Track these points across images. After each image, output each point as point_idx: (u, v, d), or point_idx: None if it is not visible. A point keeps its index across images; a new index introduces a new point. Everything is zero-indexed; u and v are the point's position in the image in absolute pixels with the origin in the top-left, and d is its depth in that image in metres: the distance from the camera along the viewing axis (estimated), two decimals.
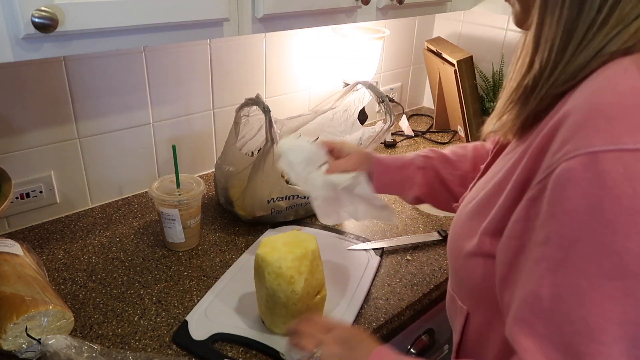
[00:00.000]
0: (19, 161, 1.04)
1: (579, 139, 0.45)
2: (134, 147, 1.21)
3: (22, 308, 0.73)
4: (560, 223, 0.46)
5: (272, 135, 1.00)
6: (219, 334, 0.82)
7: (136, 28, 0.75)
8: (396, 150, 1.60)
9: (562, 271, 0.46)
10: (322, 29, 1.48)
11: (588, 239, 0.44)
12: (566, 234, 0.45)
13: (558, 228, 0.46)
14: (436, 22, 1.87)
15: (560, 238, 0.46)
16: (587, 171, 0.43)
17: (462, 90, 1.59)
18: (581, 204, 0.44)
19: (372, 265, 1.00)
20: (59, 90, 1.05)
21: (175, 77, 1.22)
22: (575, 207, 0.44)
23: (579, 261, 0.44)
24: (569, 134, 0.46)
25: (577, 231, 0.44)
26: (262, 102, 1.01)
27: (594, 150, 0.43)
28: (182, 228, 1.00)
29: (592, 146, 0.44)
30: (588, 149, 0.44)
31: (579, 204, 0.44)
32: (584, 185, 0.44)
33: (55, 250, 1.03)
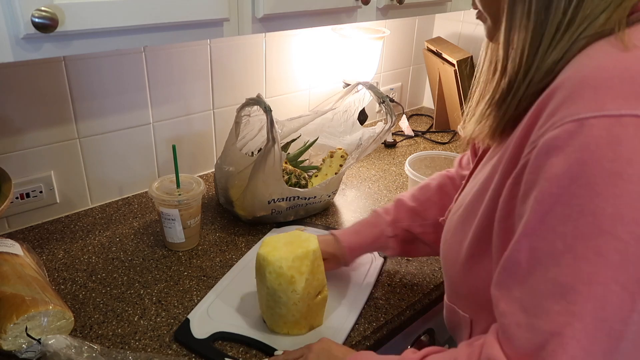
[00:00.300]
0: (19, 161, 1.04)
1: (565, 109, 0.46)
2: (134, 147, 1.21)
3: (22, 308, 0.73)
4: (540, 189, 0.47)
5: (274, 135, 1.00)
6: (219, 332, 0.82)
7: (136, 28, 0.75)
8: (396, 150, 1.60)
9: (539, 234, 0.47)
10: (322, 29, 1.48)
11: (566, 201, 0.45)
12: (545, 199, 0.46)
13: (537, 194, 0.47)
14: (436, 22, 1.87)
15: (539, 203, 0.46)
16: (572, 137, 0.44)
17: (462, 90, 1.59)
18: (563, 168, 0.45)
19: (376, 267, 1.00)
20: (59, 90, 1.05)
21: (175, 77, 1.22)
22: (556, 172, 0.45)
23: (555, 223, 0.45)
24: (555, 108, 0.47)
25: (556, 195, 0.45)
26: (263, 101, 1.01)
27: (579, 118, 0.44)
28: (182, 228, 1.00)
29: (577, 114, 0.45)
30: (574, 117, 0.45)
31: (560, 169, 0.45)
32: (568, 151, 0.44)
33: (55, 250, 1.03)
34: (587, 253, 0.43)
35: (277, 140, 1.01)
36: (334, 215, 1.20)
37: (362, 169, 1.45)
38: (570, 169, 0.44)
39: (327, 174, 1.21)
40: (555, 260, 0.45)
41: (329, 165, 1.21)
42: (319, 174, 1.22)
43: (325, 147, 1.29)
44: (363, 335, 0.85)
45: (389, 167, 1.48)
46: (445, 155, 1.35)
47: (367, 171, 1.44)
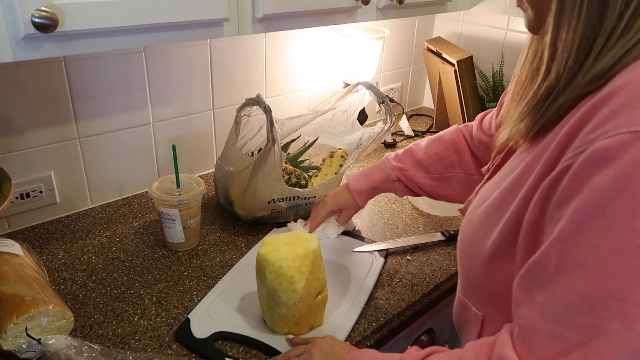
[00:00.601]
0: (19, 161, 1.04)
1: (621, 118, 0.44)
2: (134, 147, 1.21)
3: (22, 308, 0.73)
4: (582, 198, 0.45)
5: (274, 135, 1.00)
6: (220, 332, 0.82)
7: (136, 28, 0.75)
8: (396, 150, 1.59)
9: (573, 243, 0.45)
10: (322, 29, 1.48)
11: (608, 215, 0.43)
12: (585, 208, 0.44)
13: (578, 203, 0.45)
14: (436, 22, 1.87)
15: (578, 212, 0.45)
16: (625, 149, 0.42)
17: (462, 90, 1.59)
18: (610, 180, 0.43)
19: (376, 267, 1.00)
20: (59, 90, 1.05)
21: (175, 77, 1.22)
22: (602, 184, 0.43)
23: (592, 234, 0.44)
24: (609, 115, 0.45)
25: (598, 206, 0.43)
26: (263, 101, 1.01)
27: (636, 130, 0.42)
28: (182, 228, 1.00)
29: (634, 125, 0.42)
30: (630, 128, 0.42)
31: (607, 181, 0.43)
32: (619, 163, 0.42)
33: (55, 250, 1.03)
34: (621, 270, 0.42)
35: (277, 140, 1.01)
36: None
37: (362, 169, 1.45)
38: (618, 182, 0.42)
39: (327, 174, 1.21)
40: (584, 272, 0.44)
41: (329, 165, 1.21)
42: (319, 174, 1.22)
43: (325, 147, 1.29)
44: (363, 335, 0.85)
45: None
46: None
47: None
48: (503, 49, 1.69)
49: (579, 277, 0.44)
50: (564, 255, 0.46)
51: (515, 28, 1.65)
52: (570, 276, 0.45)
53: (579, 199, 0.45)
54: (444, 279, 1.00)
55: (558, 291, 0.46)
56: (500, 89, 1.64)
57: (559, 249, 0.46)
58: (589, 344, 0.43)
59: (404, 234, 1.14)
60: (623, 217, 0.42)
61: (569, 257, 0.46)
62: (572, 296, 0.45)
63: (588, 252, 0.44)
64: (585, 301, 0.44)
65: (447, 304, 1.06)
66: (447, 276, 1.00)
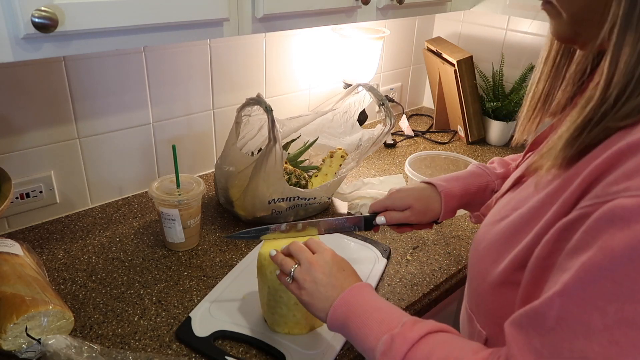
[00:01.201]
0: (19, 161, 1.04)
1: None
2: (134, 147, 1.21)
3: (22, 308, 0.73)
4: (591, 256, 0.43)
5: (275, 135, 1.00)
6: (220, 331, 0.82)
7: (136, 28, 0.75)
8: (396, 150, 1.60)
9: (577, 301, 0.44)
10: (322, 29, 1.48)
11: (616, 280, 0.42)
12: (593, 269, 0.43)
13: (587, 261, 0.43)
14: (436, 22, 1.87)
15: (586, 271, 0.44)
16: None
17: (462, 90, 1.59)
18: (624, 245, 0.41)
19: (378, 268, 1.00)
20: (59, 90, 1.05)
21: (175, 77, 1.22)
22: (615, 246, 0.42)
23: (598, 297, 0.43)
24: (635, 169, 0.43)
25: (607, 270, 0.42)
26: (264, 101, 1.01)
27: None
28: (182, 228, 1.00)
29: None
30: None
31: (621, 245, 0.41)
32: (635, 228, 0.41)
33: (55, 250, 1.03)
34: (624, 341, 0.41)
35: (278, 139, 1.01)
36: (334, 216, 1.20)
37: (362, 169, 1.45)
38: (631, 249, 0.41)
39: (327, 174, 1.21)
40: (587, 334, 0.43)
41: (329, 165, 1.21)
42: (319, 174, 1.22)
43: (325, 148, 1.29)
44: None
45: (389, 167, 1.48)
46: (445, 155, 1.35)
47: (367, 171, 1.44)
48: (503, 49, 1.69)
49: (582, 338, 0.44)
50: (568, 311, 0.45)
51: (515, 28, 1.65)
52: (572, 333, 0.44)
53: (589, 256, 0.44)
54: (444, 279, 1.00)
55: (558, 344, 0.45)
56: (500, 88, 1.64)
57: (562, 302, 0.45)
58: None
59: (403, 233, 1.14)
60: (632, 286, 0.41)
61: (572, 314, 0.44)
62: (572, 353, 0.44)
63: (593, 315, 0.43)
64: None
65: (447, 304, 1.06)
66: (447, 276, 1.00)
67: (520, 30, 1.64)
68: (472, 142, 1.66)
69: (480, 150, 1.62)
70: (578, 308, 0.44)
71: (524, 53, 1.65)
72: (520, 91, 1.60)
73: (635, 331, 0.41)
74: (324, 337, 0.82)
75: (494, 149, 1.64)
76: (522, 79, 1.62)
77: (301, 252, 0.72)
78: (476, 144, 1.67)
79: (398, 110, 1.84)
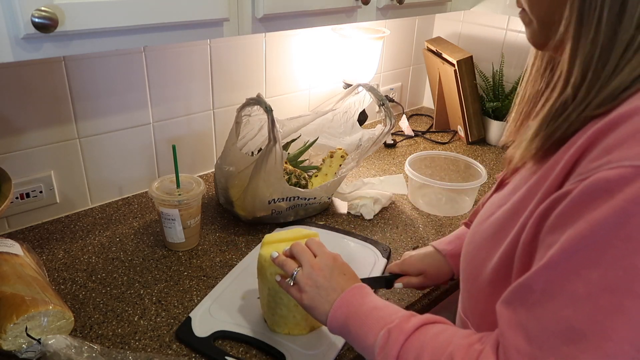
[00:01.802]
0: (19, 161, 1.04)
1: (626, 149, 0.43)
2: (134, 147, 1.21)
3: (22, 308, 0.73)
4: (576, 229, 0.44)
5: (275, 135, 1.00)
6: (220, 331, 0.82)
7: (136, 28, 0.75)
8: (396, 150, 1.60)
9: (562, 271, 0.45)
10: (322, 29, 1.48)
11: (600, 249, 0.43)
12: (578, 239, 0.44)
13: (572, 233, 0.44)
14: (436, 22, 1.87)
15: (571, 242, 0.44)
16: (626, 184, 0.41)
17: (462, 90, 1.59)
18: (607, 216, 0.42)
19: (378, 268, 1.00)
20: (59, 90, 1.05)
21: (175, 77, 1.22)
22: (599, 217, 0.43)
23: (582, 266, 0.44)
24: (615, 144, 0.44)
25: (591, 239, 0.43)
26: (264, 101, 1.01)
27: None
28: (182, 228, 1.00)
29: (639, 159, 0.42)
30: (633, 162, 0.42)
31: (604, 216, 0.42)
32: (618, 198, 0.42)
33: (55, 250, 1.03)
34: (608, 307, 0.42)
35: (278, 140, 1.01)
36: (334, 216, 1.20)
37: (362, 169, 1.45)
38: (615, 218, 0.42)
39: (327, 174, 1.21)
40: (572, 302, 0.44)
41: (329, 165, 1.21)
42: (319, 174, 1.22)
43: (325, 148, 1.29)
44: None
45: (389, 167, 1.48)
46: (445, 155, 1.35)
47: (367, 171, 1.44)
48: (503, 49, 1.69)
49: (566, 307, 0.44)
50: (552, 282, 0.46)
51: (515, 28, 1.65)
52: (557, 303, 0.45)
53: (574, 228, 0.44)
54: None
55: (544, 316, 0.46)
56: (500, 88, 1.64)
57: (547, 274, 0.46)
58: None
59: (403, 233, 1.14)
60: (616, 253, 0.42)
61: (557, 284, 0.45)
62: (558, 324, 0.45)
63: (577, 283, 0.44)
64: (570, 332, 0.44)
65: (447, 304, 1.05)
66: None
67: (520, 30, 1.64)
68: (472, 142, 1.66)
69: (480, 151, 1.62)
70: (562, 278, 0.45)
71: (524, 53, 1.63)
72: None
73: (617, 297, 0.42)
74: (324, 337, 0.82)
75: (493, 149, 1.64)
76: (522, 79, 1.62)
77: (303, 255, 0.72)
78: (476, 144, 1.67)
79: (398, 110, 1.84)
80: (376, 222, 1.18)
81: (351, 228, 1.15)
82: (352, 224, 1.17)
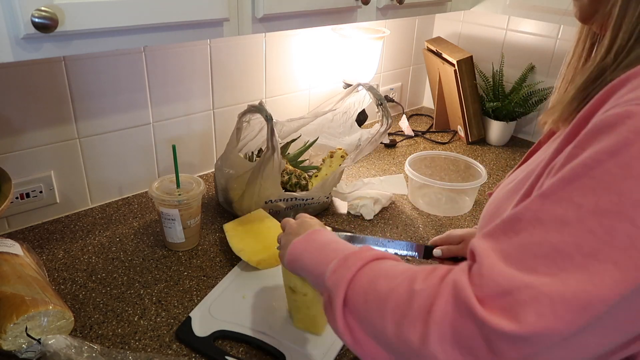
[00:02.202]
0: (19, 161, 1.04)
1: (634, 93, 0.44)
2: (134, 147, 1.21)
3: (22, 308, 0.73)
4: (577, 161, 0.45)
5: (274, 144, 1.01)
6: (221, 331, 0.82)
7: (136, 28, 0.75)
8: (396, 150, 1.60)
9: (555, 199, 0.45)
10: (322, 29, 1.48)
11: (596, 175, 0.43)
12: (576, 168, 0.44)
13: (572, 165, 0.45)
14: (436, 22, 1.87)
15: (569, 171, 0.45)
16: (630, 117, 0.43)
17: (462, 90, 1.59)
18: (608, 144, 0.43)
19: None
20: (59, 90, 1.05)
21: (175, 77, 1.22)
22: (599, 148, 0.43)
23: (576, 193, 0.44)
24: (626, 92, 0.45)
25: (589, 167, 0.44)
26: (264, 109, 1.02)
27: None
28: (182, 228, 1.00)
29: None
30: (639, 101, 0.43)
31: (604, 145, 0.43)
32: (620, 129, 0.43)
33: (55, 250, 1.03)
34: (597, 228, 0.42)
35: (276, 149, 1.02)
36: (334, 216, 1.20)
37: (362, 169, 1.45)
38: (614, 146, 0.43)
39: (327, 174, 1.21)
40: (560, 227, 0.43)
41: (329, 165, 1.22)
42: (319, 174, 1.22)
43: (325, 148, 1.29)
44: None
45: (389, 167, 1.48)
46: (445, 155, 1.35)
47: (367, 171, 1.44)
48: (503, 49, 1.69)
49: (552, 231, 0.44)
50: (543, 210, 0.45)
51: (515, 28, 1.65)
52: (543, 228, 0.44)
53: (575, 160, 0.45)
54: None
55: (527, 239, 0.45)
56: (500, 88, 1.64)
57: (540, 202, 0.46)
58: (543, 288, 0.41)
59: (403, 233, 1.14)
60: (611, 179, 0.42)
61: (547, 211, 0.45)
62: (542, 248, 0.43)
63: (569, 208, 0.44)
64: (552, 253, 0.43)
65: None
66: None
67: (520, 30, 1.64)
68: (472, 142, 1.66)
69: (480, 151, 1.62)
70: (553, 204, 0.45)
71: (524, 53, 1.65)
72: (520, 91, 1.60)
73: (608, 219, 0.42)
74: (325, 338, 0.82)
75: (494, 149, 1.64)
76: (522, 79, 1.62)
77: (286, 224, 0.78)
78: (476, 144, 1.67)
79: (398, 110, 1.84)
80: (376, 222, 1.18)
81: (351, 228, 1.15)
82: (352, 224, 1.17)
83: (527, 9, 1.30)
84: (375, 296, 0.51)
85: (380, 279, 0.52)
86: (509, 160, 1.56)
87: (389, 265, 0.54)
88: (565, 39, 1.55)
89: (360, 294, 0.53)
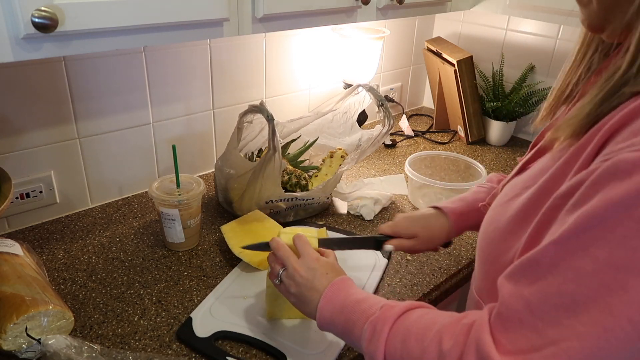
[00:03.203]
0: (19, 161, 1.04)
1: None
2: (134, 147, 1.21)
3: (22, 308, 0.73)
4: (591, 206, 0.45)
5: (275, 144, 1.01)
6: (221, 331, 0.82)
7: (136, 28, 0.75)
8: (396, 150, 1.60)
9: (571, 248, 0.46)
10: (322, 29, 1.48)
11: (610, 227, 0.43)
12: (590, 217, 0.44)
13: (585, 210, 0.45)
14: (436, 22, 1.87)
15: (583, 219, 0.45)
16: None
17: (462, 90, 1.59)
18: (621, 196, 0.43)
19: (379, 268, 1.00)
20: (59, 90, 1.05)
21: (175, 77, 1.22)
22: (612, 197, 0.43)
23: (591, 243, 0.44)
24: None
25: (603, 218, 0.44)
26: (266, 110, 1.01)
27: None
28: (182, 228, 1.00)
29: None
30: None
31: (618, 196, 0.43)
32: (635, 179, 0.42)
33: (55, 250, 1.03)
34: (612, 284, 0.43)
35: (278, 149, 1.02)
36: (334, 216, 1.20)
37: (363, 169, 1.45)
38: (629, 198, 0.42)
39: (327, 174, 1.21)
40: (577, 277, 0.45)
41: (329, 165, 1.22)
42: (319, 174, 1.22)
43: (325, 148, 1.29)
44: None
45: (389, 167, 1.48)
46: (445, 155, 1.35)
47: (368, 171, 1.44)
48: (503, 49, 1.69)
49: (571, 281, 0.45)
50: (560, 257, 0.46)
51: (515, 28, 1.65)
52: (562, 278, 0.46)
53: (588, 206, 0.45)
54: (444, 279, 1.00)
55: (548, 290, 0.47)
56: (500, 88, 1.64)
57: (556, 250, 0.47)
58: (563, 344, 0.44)
59: None
60: (626, 233, 0.43)
61: (564, 260, 0.46)
62: (562, 298, 0.46)
63: (584, 259, 0.45)
64: (572, 305, 0.45)
65: (447, 304, 1.06)
66: (447, 276, 1.00)
67: (520, 30, 1.64)
68: (472, 142, 1.66)
69: (480, 150, 1.62)
70: (570, 254, 0.46)
71: (524, 53, 1.65)
72: (520, 91, 1.60)
73: (622, 274, 0.43)
74: (325, 337, 0.82)
75: (494, 149, 1.64)
76: (522, 79, 1.62)
77: (287, 259, 0.74)
78: (476, 144, 1.67)
79: (398, 110, 1.84)
80: (376, 222, 1.18)
81: (351, 228, 1.15)
82: (352, 224, 1.17)
83: (527, 9, 1.30)
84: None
85: (411, 340, 0.56)
86: (508, 160, 1.56)
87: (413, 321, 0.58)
88: (565, 39, 1.55)
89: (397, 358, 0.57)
